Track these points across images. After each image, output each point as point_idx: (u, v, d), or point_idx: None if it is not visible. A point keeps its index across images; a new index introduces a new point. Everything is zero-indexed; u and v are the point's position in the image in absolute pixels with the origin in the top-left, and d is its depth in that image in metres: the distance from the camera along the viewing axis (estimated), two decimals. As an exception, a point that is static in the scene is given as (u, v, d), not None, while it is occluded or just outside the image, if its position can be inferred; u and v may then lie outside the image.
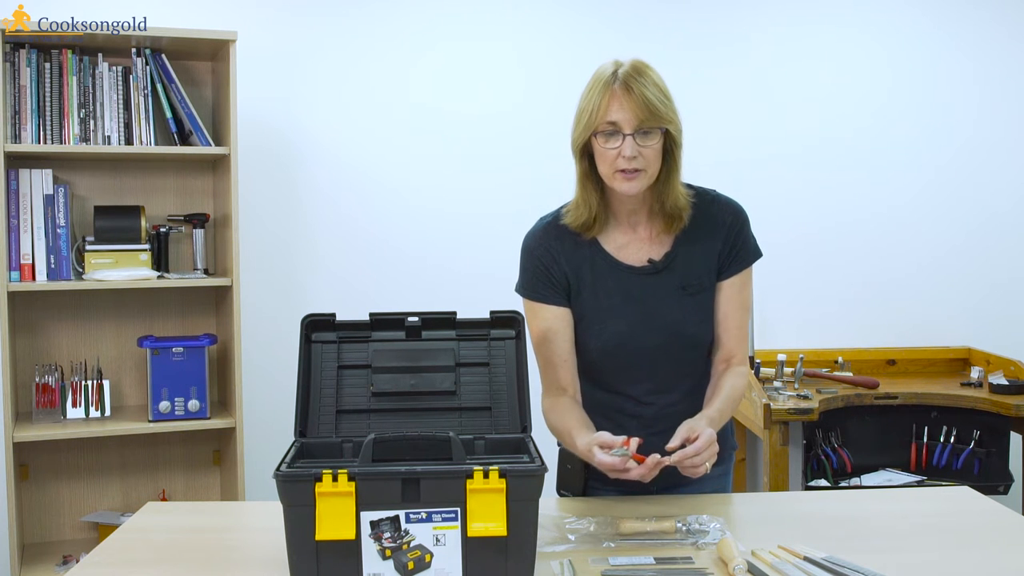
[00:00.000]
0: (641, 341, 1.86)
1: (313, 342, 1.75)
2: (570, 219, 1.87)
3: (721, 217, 1.89)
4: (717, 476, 1.97)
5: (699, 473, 1.70)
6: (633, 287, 1.86)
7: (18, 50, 2.91)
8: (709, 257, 1.88)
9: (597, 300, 1.87)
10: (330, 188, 3.46)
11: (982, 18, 3.80)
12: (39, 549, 3.08)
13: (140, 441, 3.20)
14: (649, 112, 1.73)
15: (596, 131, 1.76)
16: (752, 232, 1.93)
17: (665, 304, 1.86)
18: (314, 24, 3.41)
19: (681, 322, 1.86)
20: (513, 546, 1.44)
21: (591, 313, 1.88)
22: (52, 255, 2.97)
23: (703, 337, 1.89)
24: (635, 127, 1.74)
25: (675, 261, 1.87)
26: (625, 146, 1.74)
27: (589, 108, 1.76)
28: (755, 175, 3.68)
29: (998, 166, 3.84)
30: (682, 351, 1.88)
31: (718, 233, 1.88)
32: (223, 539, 1.77)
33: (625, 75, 1.75)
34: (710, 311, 1.89)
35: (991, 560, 1.60)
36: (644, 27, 3.62)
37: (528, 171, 3.52)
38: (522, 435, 1.69)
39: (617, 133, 1.75)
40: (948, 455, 3.41)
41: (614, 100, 1.74)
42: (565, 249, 1.88)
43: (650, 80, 1.75)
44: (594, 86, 1.77)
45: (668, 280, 1.87)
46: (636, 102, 1.73)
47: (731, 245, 1.89)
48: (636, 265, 1.87)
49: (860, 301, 3.79)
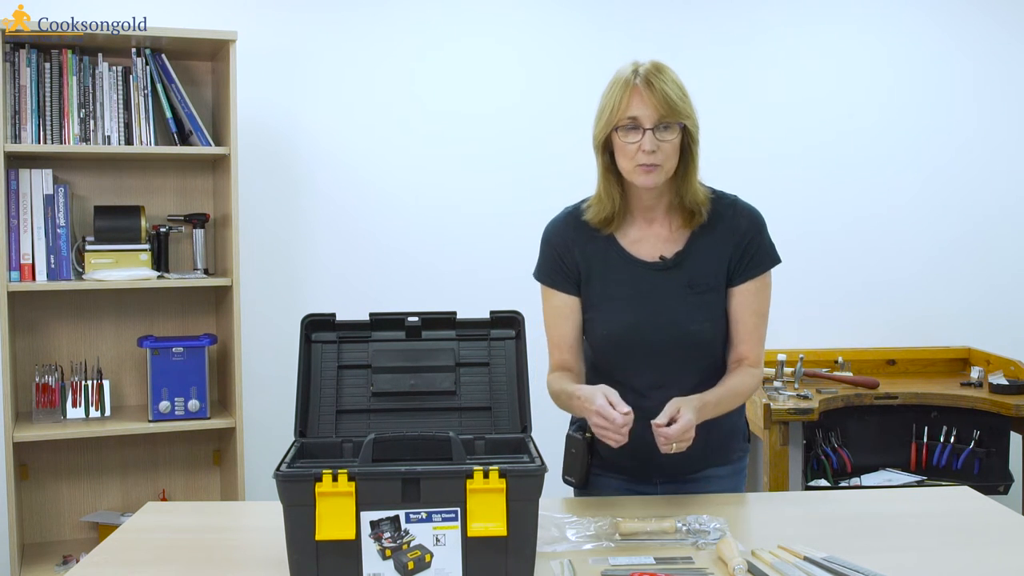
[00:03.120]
0: (645, 334, 1.88)
1: (313, 342, 1.75)
2: (591, 214, 1.92)
3: (737, 222, 1.92)
4: (725, 476, 1.99)
5: (667, 450, 1.74)
6: (642, 281, 1.90)
7: (18, 50, 2.91)
8: (720, 259, 1.90)
9: (607, 290, 1.91)
10: (330, 188, 3.46)
11: (982, 18, 3.80)
12: (39, 549, 3.08)
13: (140, 441, 3.20)
14: (669, 107, 1.79)
15: (617, 126, 1.81)
16: (770, 238, 1.95)
17: (671, 300, 1.88)
18: (314, 24, 3.41)
19: (685, 320, 1.88)
20: (513, 546, 1.44)
21: (600, 302, 1.92)
22: (52, 255, 2.97)
23: (705, 336, 1.90)
24: (655, 122, 1.79)
25: (686, 259, 1.90)
26: (645, 140, 1.79)
27: (610, 105, 1.82)
28: (755, 175, 3.67)
29: (998, 166, 3.84)
30: (684, 348, 1.89)
31: (732, 237, 1.91)
32: (223, 539, 1.77)
33: (646, 72, 1.81)
34: (715, 311, 1.90)
35: (991, 560, 1.60)
36: (644, 27, 3.62)
37: (528, 171, 3.52)
38: (522, 435, 1.69)
39: (637, 128, 1.80)
40: (948, 455, 3.41)
41: (635, 96, 1.79)
42: (581, 239, 1.93)
43: (669, 78, 1.82)
44: (615, 84, 1.83)
45: (677, 277, 1.89)
46: (656, 97, 1.79)
47: (743, 250, 1.91)
48: (648, 260, 1.91)
49: (860, 301, 3.79)
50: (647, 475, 1.96)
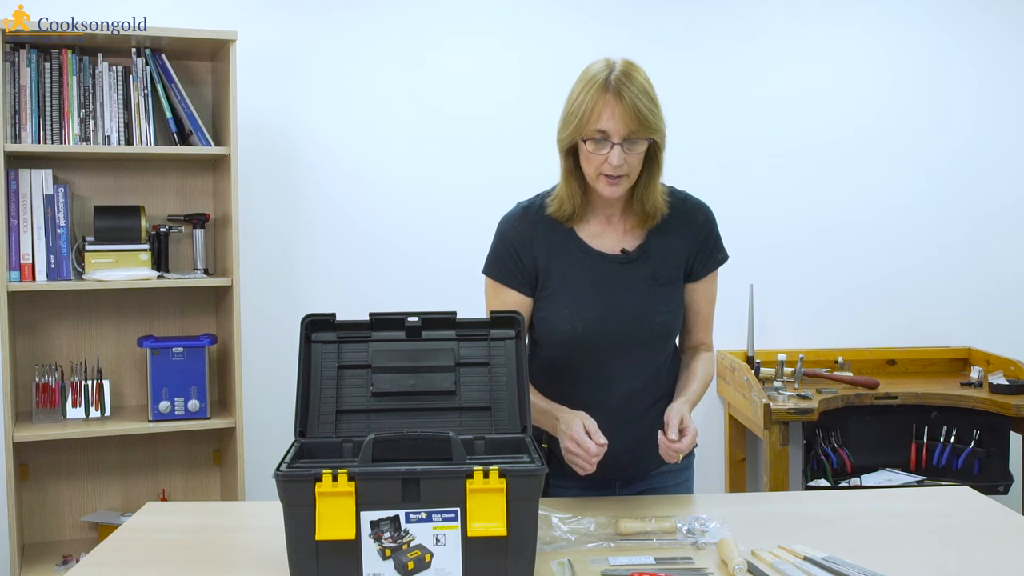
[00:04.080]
0: (609, 328, 1.88)
1: (313, 342, 1.75)
2: (552, 210, 1.91)
3: (694, 216, 1.94)
4: (679, 470, 2.01)
5: (674, 459, 1.78)
6: (604, 275, 1.89)
7: (18, 50, 2.91)
8: (680, 252, 1.92)
9: (568, 285, 1.89)
10: (330, 188, 3.46)
11: (983, 18, 3.80)
12: (39, 549, 3.08)
13: (140, 441, 3.20)
14: (639, 123, 1.75)
15: (585, 137, 1.78)
16: (719, 233, 1.99)
17: (634, 293, 1.89)
18: (314, 24, 3.41)
19: (649, 312, 1.89)
20: (513, 546, 1.44)
21: (561, 297, 1.89)
22: (52, 255, 2.97)
23: (668, 327, 1.93)
24: (623, 136, 1.75)
25: (647, 253, 1.90)
26: (613, 155, 1.76)
27: (579, 112, 1.77)
28: (755, 175, 3.68)
29: (998, 166, 3.84)
30: (647, 340, 1.91)
31: (691, 231, 1.93)
32: (223, 539, 1.77)
33: (617, 81, 1.74)
34: (675, 303, 1.93)
35: (991, 560, 1.60)
36: (644, 27, 3.62)
37: (528, 171, 3.49)
38: (522, 435, 1.69)
39: (605, 140, 1.76)
40: (948, 455, 3.41)
41: (606, 108, 1.75)
42: (539, 234, 1.91)
43: (640, 87, 1.76)
44: (586, 89, 1.77)
45: (639, 270, 1.90)
46: (627, 111, 1.74)
47: (702, 244, 1.94)
48: (609, 253, 1.90)
49: (860, 301, 3.79)
50: (607, 481, 1.95)
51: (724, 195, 1.97)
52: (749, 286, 3.57)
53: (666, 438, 1.75)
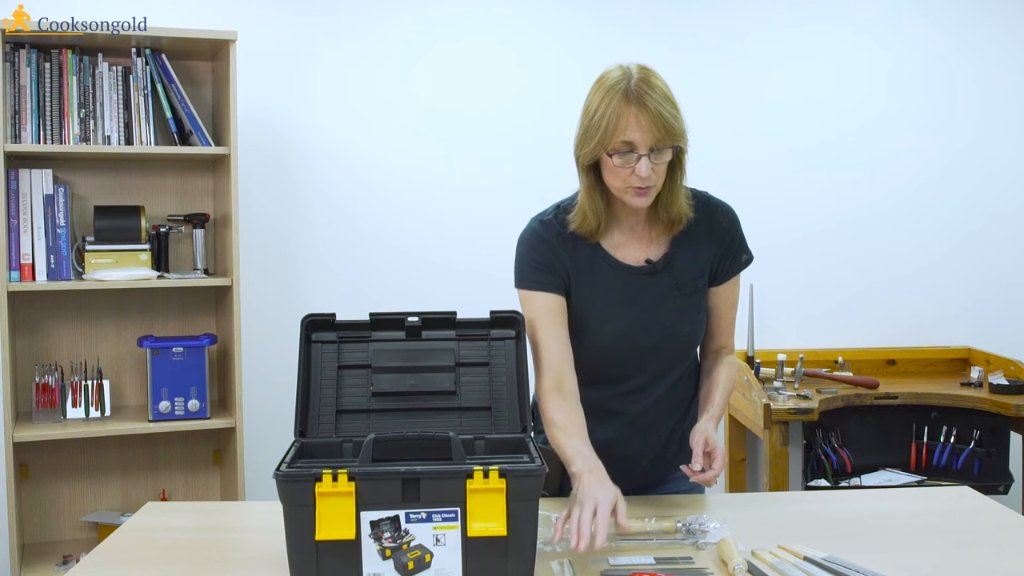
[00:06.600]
0: (636, 340, 1.86)
1: (313, 342, 1.75)
2: (576, 226, 1.85)
3: (718, 220, 1.90)
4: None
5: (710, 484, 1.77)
6: (630, 287, 1.87)
7: (18, 50, 2.91)
8: (704, 258, 1.89)
9: (595, 299, 1.87)
10: (330, 188, 3.46)
11: (982, 19, 3.80)
12: (39, 549, 3.08)
13: (140, 441, 3.20)
14: (665, 131, 1.69)
15: (610, 151, 1.71)
16: (743, 234, 1.95)
17: (660, 304, 1.87)
18: (314, 24, 3.41)
19: (675, 323, 1.87)
20: (513, 546, 1.44)
21: (589, 312, 1.87)
22: (52, 255, 2.97)
23: (694, 337, 1.92)
24: (650, 146, 1.70)
25: (672, 262, 1.88)
26: (640, 166, 1.70)
27: (602, 125, 1.70)
28: (755, 175, 3.68)
29: (998, 166, 3.84)
30: (673, 351, 1.90)
31: (715, 236, 1.89)
32: (223, 539, 1.77)
33: (639, 90, 1.68)
34: (699, 311, 1.91)
35: (991, 560, 1.60)
36: (644, 27, 3.62)
37: (529, 171, 3.52)
38: (522, 435, 1.69)
39: (631, 152, 1.70)
40: (948, 455, 3.41)
41: (630, 119, 1.68)
42: (566, 246, 1.86)
43: (661, 93, 1.69)
44: (606, 100, 1.70)
45: (664, 280, 1.87)
46: (652, 120, 1.67)
47: (727, 248, 1.91)
48: (634, 264, 1.87)
49: (860, 301, 3.79)
50: (623, 487, 1.92)
51: (724, 195, 1.96)
52: (749, 286, 3.57)
53: (691, 471, 1.73)
